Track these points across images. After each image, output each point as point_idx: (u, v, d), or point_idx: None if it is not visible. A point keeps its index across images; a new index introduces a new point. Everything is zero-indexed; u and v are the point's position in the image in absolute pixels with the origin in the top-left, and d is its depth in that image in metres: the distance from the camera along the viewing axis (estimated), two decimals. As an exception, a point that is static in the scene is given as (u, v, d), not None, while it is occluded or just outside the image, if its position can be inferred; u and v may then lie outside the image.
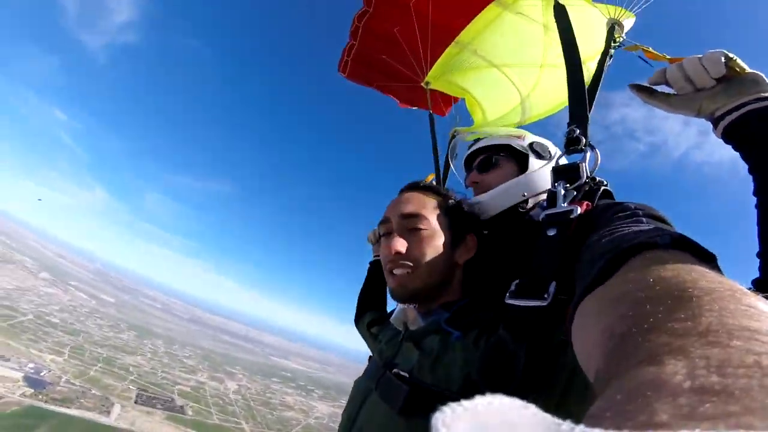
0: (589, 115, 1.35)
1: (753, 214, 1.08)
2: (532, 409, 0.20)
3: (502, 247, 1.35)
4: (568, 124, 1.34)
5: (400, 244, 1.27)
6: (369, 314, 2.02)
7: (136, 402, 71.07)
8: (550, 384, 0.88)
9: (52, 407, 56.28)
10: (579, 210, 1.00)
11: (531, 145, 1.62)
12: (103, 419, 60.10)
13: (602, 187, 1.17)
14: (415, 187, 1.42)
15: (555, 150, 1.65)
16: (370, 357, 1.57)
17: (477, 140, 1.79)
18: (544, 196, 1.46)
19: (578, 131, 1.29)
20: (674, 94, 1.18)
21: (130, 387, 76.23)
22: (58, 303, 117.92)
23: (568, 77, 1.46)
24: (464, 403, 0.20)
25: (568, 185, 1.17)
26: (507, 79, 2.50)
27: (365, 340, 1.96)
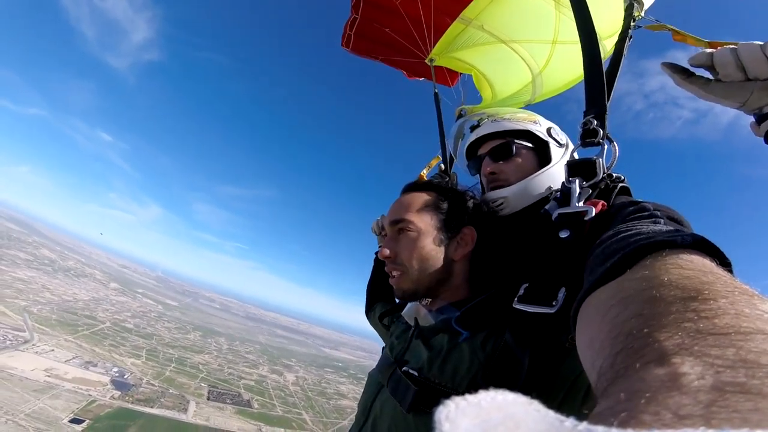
0: (608, 105, 1.22)
1: None
2: (535, 404, 0.20)
3: (516, 240, 1.28)
4: (584, 113, 1.22)
5: (388, 249, 1.29)
6: (379, 306, 2.03)
7: (208, 398, 76.19)
8: (550, 391, 0.87)
9: (138, 408, 61.96)
10: (594, 211, 0.94)
11: (548, 130, 1.52)
12: (182, 417, 65.31)
13: (620, 185, 1.11)
14: (410, 187, 1.42)
15: (565, 137, 1.57)
16: (384, 348, 1.59)
17: (479, 121, 1.63)
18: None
19: (596, 122, 1.18)
20: (716, 80, 1.03)
21: (202, 384, 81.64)
22: (130, 309, 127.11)
23: (584, 61, 1.30)
24: (468, 397, 0.20)
25: (583, 182, 1.09)
26: (517, 55, 2.38)
27: (377, 330, 1.97)
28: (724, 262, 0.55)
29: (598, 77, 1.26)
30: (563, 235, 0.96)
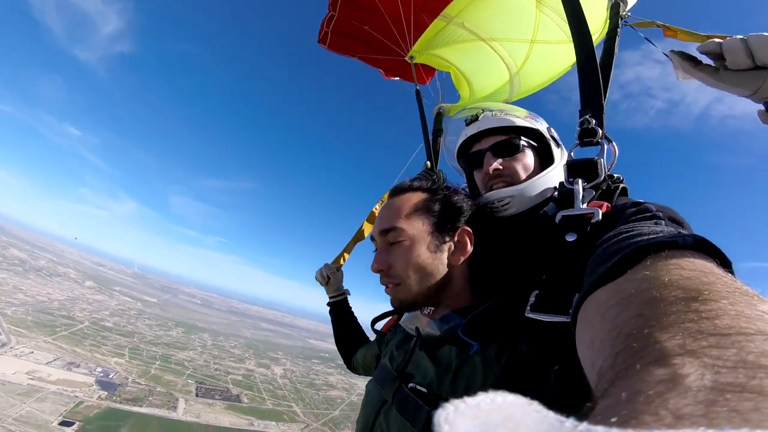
0: (605, 103, 1.20)
1: None
2: (534, 405, 0.20)
3: (517, 242, 1.24)
4: (580, 112, 1.20)
5: (379, 262, 1.23)
6: (360, 351, 1.95)
7: (196, 395, 75.17)
8: (581, 403, 0.84)
9: (127, 407, 60.61)
10: (600, 214, 0.92)
11: (549, 129, 1.49)
12: (172, 415, 64.34)
13: (620, 186, 1.09)
14: (399, 190, 1.34)
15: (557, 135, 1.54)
16: (380, 357, 1.55)
17: (476, 116, 1.53)
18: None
19: (594, 122, 1.15)
20: (725, 68, 1.01)
21: (189, 381, 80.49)
22: (108, 308, 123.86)
23: (578, 57, 1.28)
24: (467, 399, 0.20)
25: (585, 183, 1.07)
26: (495, 54, 2.39)
27: (370, 371, 1.78)
28: (724, 263, 0.55)
29: (594, 76, 1.23)
30: (570, 238, 0.93)
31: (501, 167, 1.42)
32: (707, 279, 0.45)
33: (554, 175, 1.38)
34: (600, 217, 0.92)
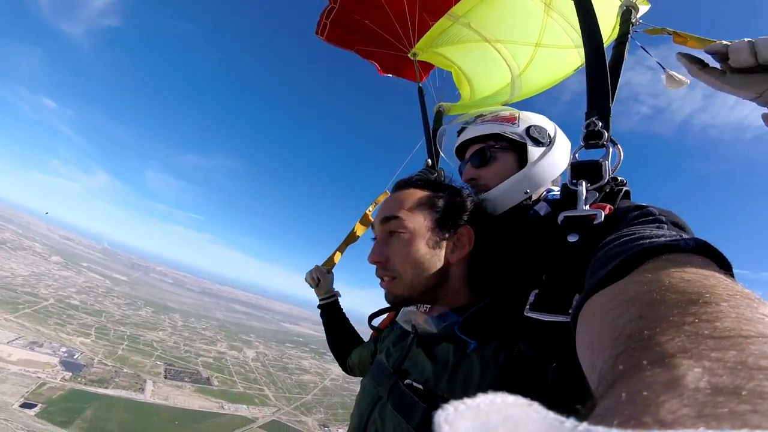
0: (612, 106, 1.21)
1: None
2: (534, 406, 0.20)
3: (506, 244, 1.26)
4: (586, 114, 1.21)
5: (376, 254, 1.23)
6: (356, 351, 1.94)
7: (165, 377, 74.25)
8: (581, 402, 0.83)
9: (92, 389, 59.00)
10: (603, 215, 0.92)
11: (528, 130, 1.50)
12: (139, 397, 63.02)
13: (624, 189, 1.09)
14: (404, 184, 1.36)
15: (553, 129, 1.56)
16: (375, 353, 1.56)
17: (464, 126, 1.66)
18: (552, 188, 1.46)
19: (600, 124, 1.16)
20: (732, 71, 1.02)
21: (158, 363, 79.34)
22: (74, 285, 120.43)
23: (587, 59, 1.31)
24: (466, 400, 0.20)
25: (589, 185, 1.07)
26: (499, 55, 2.41)
27: (364, 371, 1.76)
28: (726, 267, 0.55)
29: (602, 78, 1.24)
30: (572, 239, 0.93)
31: (475, 177, 1.50)
32: (708, 282, 0.46)
33: (528, 176, 1.42)
34: (602, 218, 0.92)
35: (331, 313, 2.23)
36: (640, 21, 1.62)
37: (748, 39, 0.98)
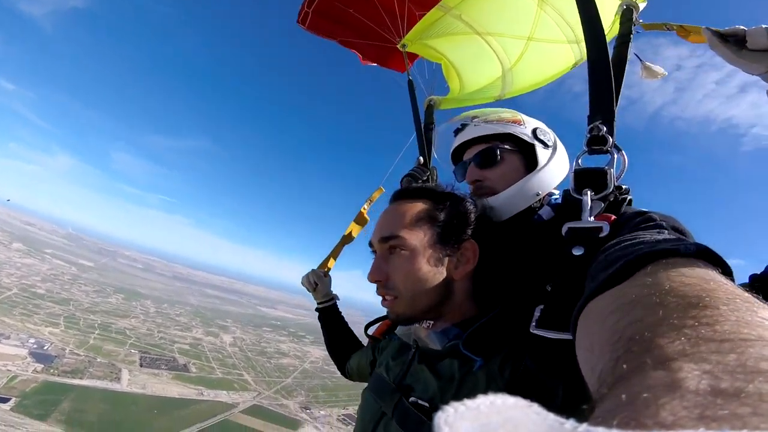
0: (617, 109, 1.17)
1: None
2: (534, 407, 0.20)
3: (510, 251, 1.24)
4: (588, 118, 1.17)
5: (376, 272, 1.20)
6: (355, 356, 1.90)
7: (141, 365, 73.03)
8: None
9: (66, 380, 57.45)
10: (608, 228, 0.90)
11: (534, 132, 1.48)
12: (116, 386, 61.72)
13: (627, 197, 1.07)
14: (402, 195, 1.32)
15: (553, 135, 1.54)
16: (372, 362, 1.55)
17: (463, 125, 1.59)
18: (554, 192, 1.44)
19: (604, 129, 1.11)
20: (746, 48, 1.13)
21: (132, 351, 77.98)
22: (39, 273, 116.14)
23: (590, 60, 1.25)
24: (467, 402, 0.20)
25: (594, 194, 1.03)
26: (489, 48, 2.38)
27: (363, 377, 1.78)
28: (726, 272, 0.56)
29: (606, 81, 1.18)
30: (577, 252, 0.91)
31: (480, 178, 1.46)
32: (708, 286, 0.46)
33: (538, 179, 1.41)
34: (608, 231, 0.90)
35: (330, 316, 2.15)
36: (640, 20, 1.57)
37: (765, 26, 1.10)
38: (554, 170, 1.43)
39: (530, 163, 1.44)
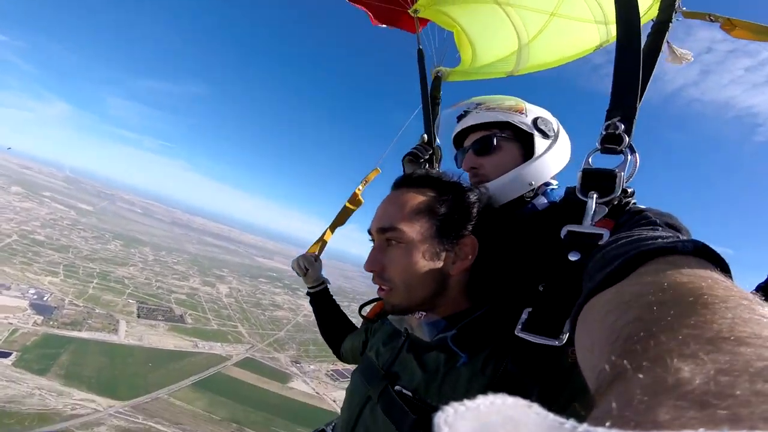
0: (639, 107, 1.07)
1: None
2: (534, 407, 0.21)
3: (506, 245, 1.21)
4: (608, 112, 1.08)
5: (372, 262, 1.20)
6: (348, 339, 1.89)
7: (138, 316, 74.96)
8: (560, 409, 0.74)
9: (65, 332, 59.16)
10: (608, 235, 0.87)
11: (535, 121, 1.45)
12: (113, 338, 63.59)
13: (631, 201, 1.04)
14: (404, 182, 1.28)
15: (556, 123, 1.53)
16: (365, 347, 1.57)
17: (466, 111, 1.57)
18: (551, 182, 1.46)
19: (622, 127, 1.04)
20: None
21: (130, 301, 79.97)
22: (38, 218, 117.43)
23: (618, 49, 1.11)
24: (466, 402, 0.20)
25: (599, 198, 0.98)
26: (508, 19, 2.23)
27: (357, 359, 1.71)
28: (724, 269, 0.56)
29: (634, 73, 1.08)
30: (573, 257, 0.88)
31: (476, 165, 1.47)
32: (706, 284, 0.46)
33: (533, 169, 1.40)
34: (608, 238, 0.87)
35: (321, 301, 2.17)
36: (683, 8, 1.49)
37: None
38: (550, 161, 1.42)
39: (528, 152, 1.45)
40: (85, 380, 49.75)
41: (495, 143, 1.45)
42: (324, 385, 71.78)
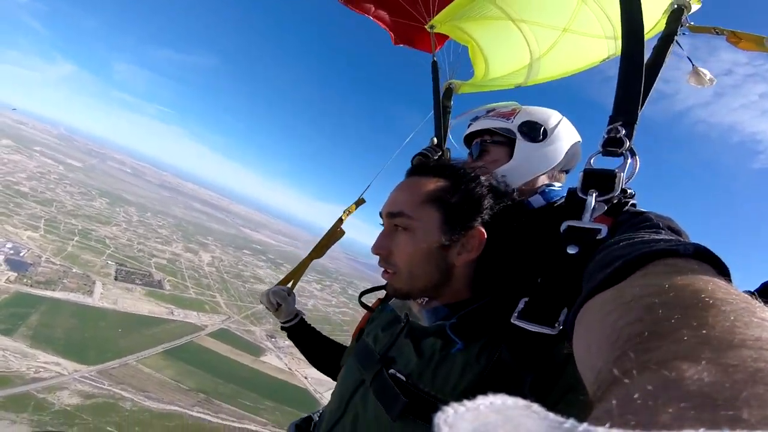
0: (640, 114, 1.14)
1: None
2: (534, 407, 0.21)
3: (524, 246, 1.22)
4: (610, 118, 1.15)
5: (379, 246, 1.23)
6: (345, 357, 1.69)
7: (116, 278, 73.52)
8: (552, 402, 0.87)
9: (38, 292, 57.75)
10: (606, 231, 0.91)
11: (521, 126, 1.54)
12: (87, 300, 62.44)
13: (630, 202, 1.06)
14: (419, 170, 1.32)
15: (555, 120, 1.58)
16: (363, 332, 1.53)
17: (476, 117, 1.72)
18: (554, 184, 1.53)
19: (623, 131, 1.10)
20: None
21: (109, 262, 78.41)
22: (25, 170, 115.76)
23: (623, 59, 1.19)
24: (466, 402, 0.20)
25: (599, 196, 1.03)
26: (521, 35, 2.32)
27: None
28: (724, 272, 0.56)
29: (637, 82, 1.16)
30: (572, 251, 0.92)
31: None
32: (707, 287, 0.47)
33: (507, 171, 1.45)
34: (606, 234, 0.91)
35: (300, 333, 2.07)
36: (690, 22, 1.56)
37: None
38: (531, 162, 1.50)
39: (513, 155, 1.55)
40: (53, 342, 48.85)
41: (482, 147, 1.61)
42: (297, 361, 70.40)
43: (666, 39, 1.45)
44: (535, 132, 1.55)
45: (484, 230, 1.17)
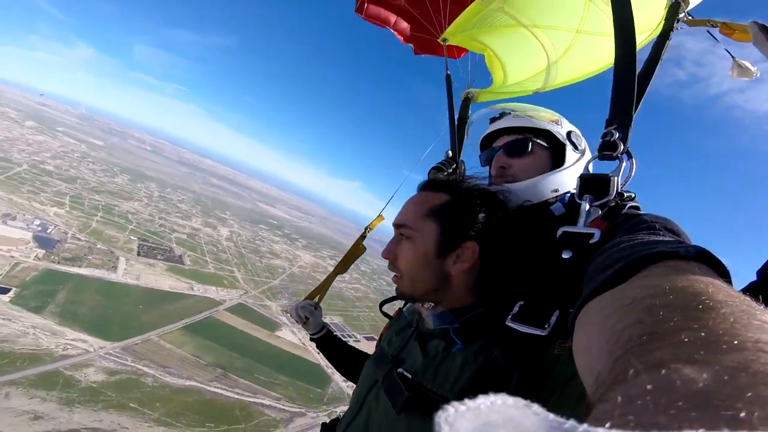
0: (635, 116, 1.13)
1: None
2: (534, 407, 0.21)
3: (523, 253, 1.25)
4: (606, 121, 1.15)
5: (387, 251, 1.34)
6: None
7: (138, 254, 74.96)
8: (542, 400, 0.77)
9: (65, 268, 59.14)
10: (599, 235, 0.92)
11: (569, 134, 1.53)
12: (111, 276, 63.96)
13: (629, 204, 1.08)
14: (427, 186, 1.42)
15: (585, 142, 1.59)
16: (383, 338, 1.62)
17: (501, 114, 1.65)
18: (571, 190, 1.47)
19: (617, 135, 1.10)
20: None
21: (131, 237, 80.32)
22: (49, 150, 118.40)
23: (617, 61, 1.20)
24: (467, 402, 0.21)
25: (594, 200, 1.04)
26: (536, 41, 2.30)
27: None
28: (725, 275, 0.57)
29: (629, 84, 1.16)
30: (566, 255, 0.94)
31: (506, 165, 1.54)
32: (707, 289, 0.47)
33: (559, 178, 1.48)
34: (599, 238, 0.92)
35: (328, 344, 2.20)
36: (689, 16, 1.58)
37: None
38: (576, 173, 1.43)
39: (557, 161, 1.52)
40: (79, 319, 50.17)
41: (529, 147, 1.52)
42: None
43: (663, 35, 1.48)
44: (579, 143, 1.56)
45: (477, 243, 1.26)
